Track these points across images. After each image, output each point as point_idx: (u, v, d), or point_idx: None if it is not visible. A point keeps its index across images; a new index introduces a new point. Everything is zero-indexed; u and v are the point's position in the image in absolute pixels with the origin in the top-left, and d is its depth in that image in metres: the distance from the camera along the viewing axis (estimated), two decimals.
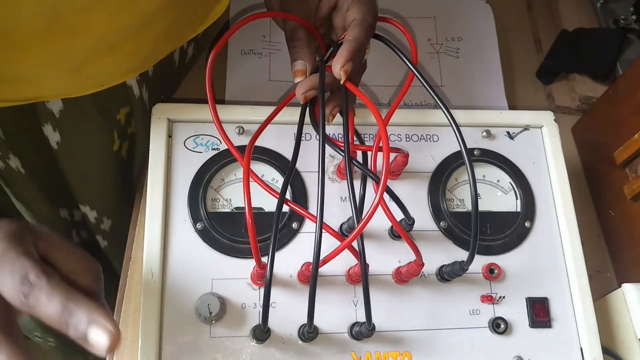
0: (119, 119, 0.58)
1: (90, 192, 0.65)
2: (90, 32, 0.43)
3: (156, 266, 0.50)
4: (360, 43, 0.48)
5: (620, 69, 0.72)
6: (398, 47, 0.52)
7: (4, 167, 0.56)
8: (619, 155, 0.63)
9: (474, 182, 0.46)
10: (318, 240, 0.43)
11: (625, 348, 0.55)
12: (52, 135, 0.54)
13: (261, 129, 0.52)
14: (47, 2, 0.38)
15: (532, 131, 0.60)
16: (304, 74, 0.51)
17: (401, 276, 0.51)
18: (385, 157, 0.46)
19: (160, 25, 0.48)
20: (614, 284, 0.64)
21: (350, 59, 0.48)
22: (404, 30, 0.53)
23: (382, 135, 0.46)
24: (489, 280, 0.54)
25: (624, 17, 0.75)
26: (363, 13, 0.50)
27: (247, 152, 0.48)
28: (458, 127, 0.48)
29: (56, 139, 0.55)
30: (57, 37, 0.41)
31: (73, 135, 0.55)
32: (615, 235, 0.66)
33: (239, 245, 0.52)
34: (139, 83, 0.56)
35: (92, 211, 0.68)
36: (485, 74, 0.70)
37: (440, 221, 0.55)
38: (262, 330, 0.47)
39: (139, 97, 0.57)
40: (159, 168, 0.53)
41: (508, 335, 0.52)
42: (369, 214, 0.44)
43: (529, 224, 0.56)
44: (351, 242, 0.45)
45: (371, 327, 0.47)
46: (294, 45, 0.52)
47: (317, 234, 0.43)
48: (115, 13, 0.43)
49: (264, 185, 0.50)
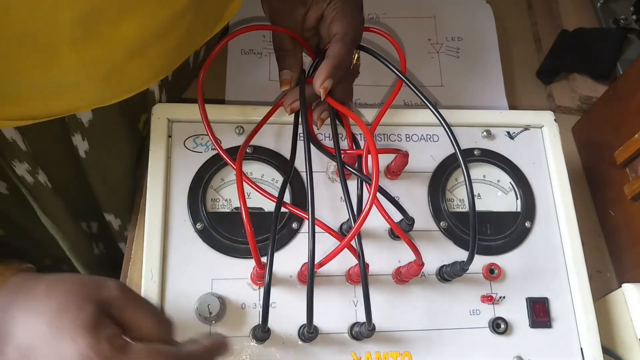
0: (139, 128, 0.58)
1: (115, 200, 0.65)
2: (120, 39, 0.43)
3: (156, 266, 0.50)
4: (341, 59, 0.50)
5: (621, 69, 0.72)
6: (386, 58, 0.53)
7: (33, 182, 0.56)
8: (619, 155, 0.63)
9: (470, 182, 0.47)
10: (312, 247, 0.44)
11: (625, 348, 0.55)
12: (81, 145, 0.55)
13: (255, 131, 0.54)
14: (84, 11, 0.38)
15: (533, 131, 0.60)
16: (289, 83, 0.53)
17: (401, 276, 0.51)
18: (374, 164, 0.47)
19: (181, 28, 0.49)
20: (614, 284, 0.64)
21: (329, 76, 0.49)
22: (392, 41, 0.55)
23: (369, 144, 0.48)
24: (489, 280, 0.54)
25: (624, 17, 0.75)
26: (344, 28, 0.51)
27: (239, 155, 0.49)
28: (451, 129, 0.48)
29: (85, 148, 0.55)
30: (90, 45, 0.41)
31: (101, 144, 0.56)
32: (616, 235, 0.66)
33: (239, 245, 0.52)
34: (159, 88, 0.56)
35: (117, 219, 0.68)
36: (485, 74, 0.70)
37: (441, 221, 0.55)
38: (262, 330, 0.47)
39: (158, 102, 0.57)
40: (159, 168, 0.53)
41: (508, 335, 0.52)
42: (363, 216, 0.45)
43: (529, 224, 0.56)
44: (349, 242, 0.45)
45: (371, 328, 0.47)
46: (280, 55, 0.53)
47: (310, 236, 0.44)
48: (145, 18, 0.43)
49: (258, 189, 0.50)
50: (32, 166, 0.54)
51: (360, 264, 0.46)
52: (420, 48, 0.71)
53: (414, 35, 0.72)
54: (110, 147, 0.57)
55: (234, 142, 0.55)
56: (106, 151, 0.57)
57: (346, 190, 0.49)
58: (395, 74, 0.53)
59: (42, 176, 0.56)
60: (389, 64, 0.53)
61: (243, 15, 0.68)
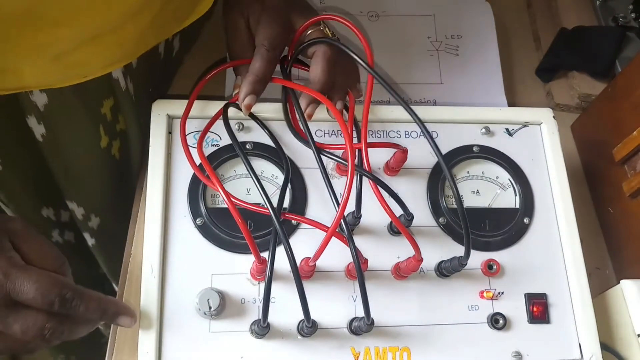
0: (103, 113, 0.58)
1: (76, 188, 0.64)
2: (72, 23, 0.43)
3: (156, 262, 0.50)
4: (257, 73, 0.52)
5: (620, 67, 0.72)
6: (353, 51, 0.53)
7: None
8: (618, 152, 0.63)
9: (453, 180, 0.48)
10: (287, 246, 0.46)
11: (624, 344, 0.55)
12: (37, 128, 0.54)
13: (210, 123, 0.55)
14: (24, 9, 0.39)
15: (531, 128, 0.60)
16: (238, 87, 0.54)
17: (400, 272, 0.52)
18: (348, 141, 0.48)
19: (145, 18, 0.49)
20: (612, 281, 0.64)
21: (249, 92, 0.52)
22: (356, 31, 0.53)
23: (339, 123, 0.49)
24: (488, 276, 0.54)
25: (623, 15, 0.75)
26: (259, 38, 0.53)
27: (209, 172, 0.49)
28: (422, 122, 0.50)
29: (41, 132, 0.55)
30: (38, 27, 0.42)
31: (58, 128, 0.55)
32: (614, 232, 0.66)
33: (239, 240, 0.52)
34: (123, 75, 0.56)
35: (80, 208, 0.67)
36: (484, 72, 0.71)
37: (439, 217, 0.55)
38: (262, 325, 0.47)
39: (125, 90, 0.57)
40: (159, 164, 0.53)
41: (507, 330, 0.53)
42: (343, 201, 0.46)
43: (527, 220, 0.56)
44: (334, 230, 0.45)
45: (370, 322, 0.47)
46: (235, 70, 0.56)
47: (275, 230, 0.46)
48: (99, 5, 0.43)
49: (247, 205, 0.50)
50: None
51: (351, 249, 0.46)
52: (419, 46, 0.72)
53: (413, 33, 0.72)
54: (69, 132, 0.57)
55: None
56: (65, 136, 0.57)
57: (329, 184, 0.50)
58: (363, 68, 0.52)
59: None
60: (357, 57, 0.52)
61: None
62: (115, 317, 0.45)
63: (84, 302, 0.43)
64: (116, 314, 0.45)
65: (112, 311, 0.45)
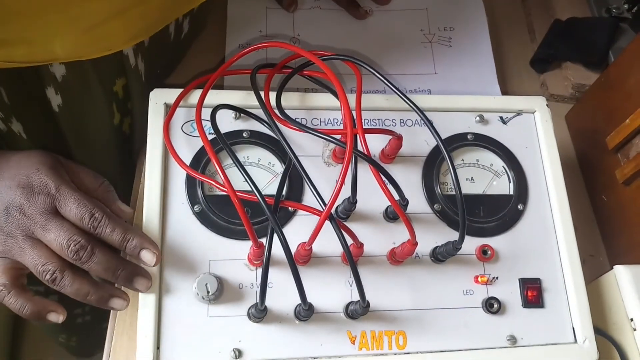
0: (115, 91, 0.59)
1: (88, 161, 0.65)
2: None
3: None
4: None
5: (613, 57, 0.72)
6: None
7: (6, 130, 0.57)
8: (611, 141, 0.64)
9: (452, 162, 0.49)
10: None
11: (617, 329, 0.56)
12: (54, 99, 0.55)
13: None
14: None
15: (525, 116, 0.61)
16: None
17: (396, 257, 0.52)
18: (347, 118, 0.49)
19: None
20: (606, 268, 0.64)
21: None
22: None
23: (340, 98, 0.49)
24: (483, 261, 0.55)
25: (616, 6, 0.76)
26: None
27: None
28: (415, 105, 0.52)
29: (58, 102, 0.56)
30: (70, 0, 0.44)
31: (74, 101, 0.57)
32: (608, 220, 0.67)
33: (236, 227, 0.53)
34: (134, 53, 0.57)
35: None
36: (477, 63, 0.71)
37: (434, 204, 0.56)
38: (259, 308, 0.48)
39: (134, 68, 0.58)
40: (157, 152, 0.54)
41: (501, 315, 0.53)
42: (339, 182, 0.46)
43: (521, 206, 0.57)
44: (328, 213, 0.46)
45: (365, 304, 0.48)
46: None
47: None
48: None
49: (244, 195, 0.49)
50: (5, 114, 0.56)
51: (336, 231, 0.46)
52: (413, 39, 0.72)
53: (407, 27, 0.73)
54: (83, 104, 0.58)
55: (231, 127, 0.56)
56: (79, 108, 0.58)
57: (303, 171, 0.49)
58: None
59: (17, 125, 0.57)
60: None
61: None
62: (136, 249, 0.49)
63: (110, 224, 0.49)
64: (137, 246, 0.49)
65: (135, 244, 0.49)
